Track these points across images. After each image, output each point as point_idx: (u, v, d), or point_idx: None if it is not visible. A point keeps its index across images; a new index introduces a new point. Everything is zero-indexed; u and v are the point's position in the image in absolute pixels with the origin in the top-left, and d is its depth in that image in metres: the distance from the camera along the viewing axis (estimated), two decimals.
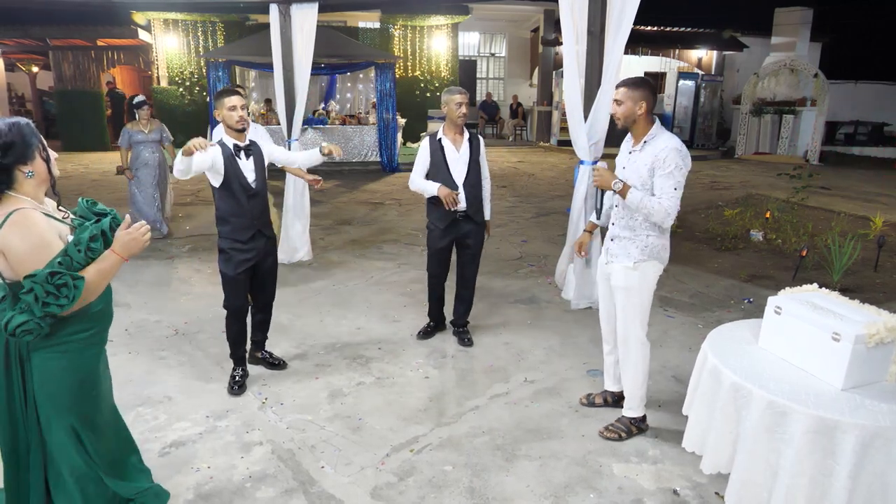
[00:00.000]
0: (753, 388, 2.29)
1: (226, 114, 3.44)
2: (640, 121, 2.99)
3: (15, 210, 1.94)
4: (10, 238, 1.91)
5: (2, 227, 1.91)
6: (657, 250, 3.08)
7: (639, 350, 3.18)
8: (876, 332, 2.22)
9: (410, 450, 3.13)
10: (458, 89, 4.06)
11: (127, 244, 2.05)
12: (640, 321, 3.15)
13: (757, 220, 8.09)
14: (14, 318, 1.91)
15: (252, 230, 3.56)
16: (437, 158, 4.10)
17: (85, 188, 10.30)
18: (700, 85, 17.49)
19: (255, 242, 3.59)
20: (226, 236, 3.55)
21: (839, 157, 15.83)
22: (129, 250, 2.06)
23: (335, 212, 8.95)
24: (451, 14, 16.25)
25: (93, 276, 1.99)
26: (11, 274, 1.96)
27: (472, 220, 4.19)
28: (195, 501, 2.73)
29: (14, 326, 1.90)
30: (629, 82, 3.02)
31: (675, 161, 2.88)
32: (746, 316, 4.65)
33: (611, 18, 4.67)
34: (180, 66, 15.58)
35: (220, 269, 3.62)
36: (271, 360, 4.02)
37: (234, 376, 3.75)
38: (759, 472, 2.26)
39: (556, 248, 6.57)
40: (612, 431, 3.24)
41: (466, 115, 4.04)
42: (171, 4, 11.66)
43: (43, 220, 1.99)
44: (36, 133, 2.06)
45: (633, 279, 3.10)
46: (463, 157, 4.11)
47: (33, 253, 1.92)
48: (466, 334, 4.46)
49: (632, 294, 3.13)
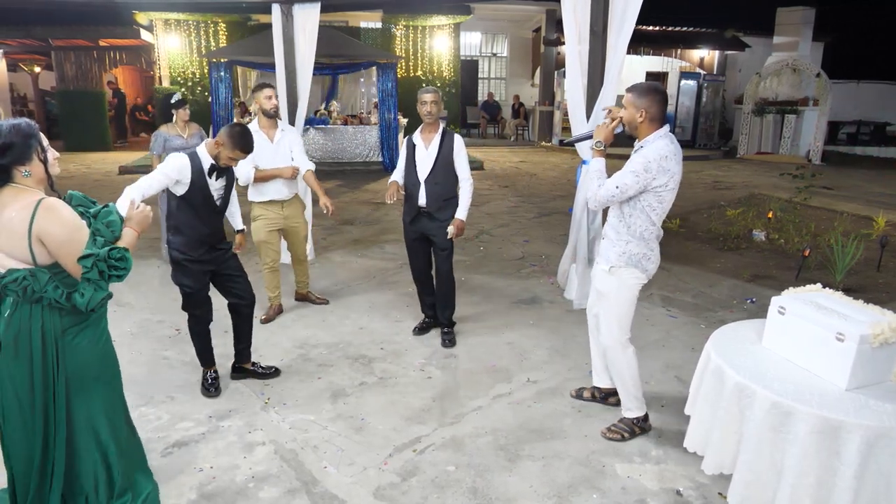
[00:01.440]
0: (757, 389, 2.28)
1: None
2: (640, 127, 2.99)
3: (40, 200, 2.08)
4: (48, 225, 2.07)
5: (34, 215, 2.05)
6: (637, 258, 3.05)
7: (619, 354, 3.16)
8: (880, 332, 2.22)
9: (413, 450, 3.13)
10: (427, 89, 4.19)
11: (141, 220, 2.34)
12: (617, 326, 3.13)
13: (759, 219, 8.08)
14: (93, 296, 2.10)
15: (205, 246, 3.45)
16: (408, 155, 4.30)
17: (87, 188, 10.31)
18: (702, 85, 17.46)
19: (210, 255, 3.48)
20: (176, 248, 3.41)
21: (841, 157, 15.80)
22: (141, 224, 2.34)
23: (337, 212, 8.94)
24: (453, 14, 16.23)
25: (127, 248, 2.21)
26: (47, 259, 2.11)
27: (435, 218, 4.24)
28: (198, 501, 2.73)
29: (96, 303, 2.11)
30: (636, 88, 3.02)
31: (639, 164, 2.89)
32: (749, 316, 4.64)
33: (613, 18, 4.66)
34: (182, 66, 15.59)
35: (175, 280, 3.46)
36: (261, 371, 3.84)
37: (207, 379, 3.67)
38: (764, 472, 2.26)
39: (558, 249, 6.57)
40: (615, 432, 3.24)
41: (432, 114, 4.15)
42: (174, 4, 11.65)
43: (65, 205, 2.16)
44: (37, 135, 2.15)
45: (610, 284, 3.10)
46: (430, 155, 4.20)
47: (73, 235, 2.10)
48: (448, 335, 4.41)
49: (608, 299, 3.13)
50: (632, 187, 2.92)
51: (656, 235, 3.07)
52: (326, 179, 11.59)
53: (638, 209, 2.99)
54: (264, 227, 4.59)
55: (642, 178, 2.89)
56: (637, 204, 2.98)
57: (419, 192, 4.23)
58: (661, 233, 3.09)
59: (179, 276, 3.46)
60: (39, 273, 2.10)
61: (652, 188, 2.92)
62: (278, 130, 4.60)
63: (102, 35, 14.86)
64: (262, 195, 4.55)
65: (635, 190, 2.92)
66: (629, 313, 3.14)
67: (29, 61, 17.27)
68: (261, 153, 4.40)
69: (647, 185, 2.91)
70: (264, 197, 4.55)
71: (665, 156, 2.88)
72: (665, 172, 2.89)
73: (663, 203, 2.98)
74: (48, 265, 2.12)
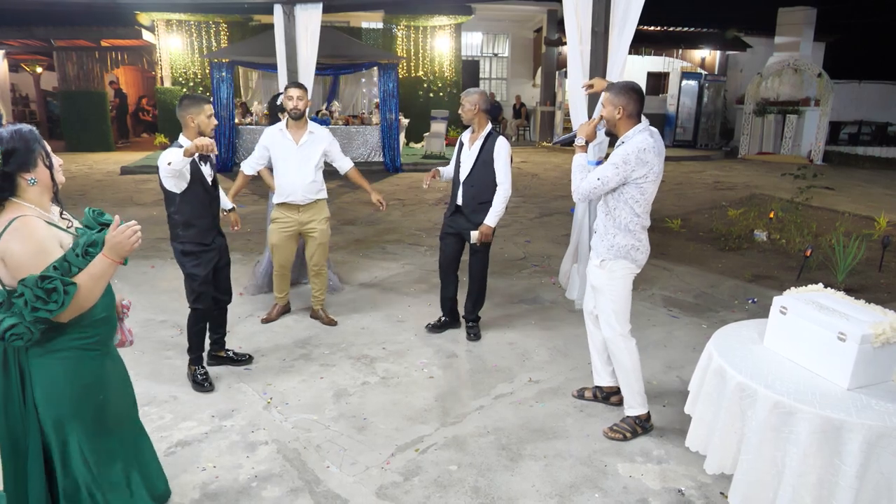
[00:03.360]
0: (759, 388, 2.28)
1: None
2: (619, 124, 3.14)
3: (17, 217, 1.93)
4: (9, 244, 1.90)
5: (2, 234, 1.90)
6: (625, 250, 3.15)
7: (621, 346, 3.21)
8: (882, 332, 2.22)
9: (416, 449, 3.14)
10: (468, 91, 4.26)
11: (114, 246, 1.97)
12: (615, 318, 3.20)
13: (761, 220, 8.09)
14: (4, 321, 1.88)
15: (214, 231, 3.70)
16: (457, 153, 4.41)
17: (89, 188, 10.32)
18: (703, 85, 17.47)
19: (216, 242, 3.72)
20: (190, 241, 3.59)
21: (843, 157, 15.79)
22: (118, 252, 1.97)
23: (339, 212, 8.95)
24: (455, 14, 16.25)
25: (85, 281, 1.94)
26: (10, 281, 1.94)
27: (469, 219, 4.29)
28: (201, 500, 2.74)
29: (3, 330, 1.88)
30: (613, 87, 3.17)
31: (619, 157, 3.04)
32: (750, 316, 4.65)
33: (615, 18, 4.67)
34: (184, 66, 15.62)
35: (190, 273, 3.64)
36: (236, 357, 4.04)
37: (198, 375, 3.73)
38: (765, 472, 2.26)
39: (559, 249, 6.58)
40: (617, 431, 3.25)
41: (464, 117, 4.23)
42: (176, 5, 11.65)
43: (43, 227, 1.97)
44: (39, 140, 2.03)
45: (602, 277, 3.20)
46: (471, 156, 4.27)
47: (31, 259, 1.90)
48: (473, 328, 4.54)
49: (603, 293, 3.22)
50: (612, 179, 3.05)
51: (642, 226, 3.17)
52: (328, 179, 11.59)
53: (622, 202, 3.11)
54: (277, 230, 4.57)
55: (622, 170, 3.03)
56: (620, 197, 3.11)
57: (458, 191, 4.33)
58: (647, 223, 3.20)
59: (193, 266, 3.63)
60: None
61: (632, 180, 3.05)
62: (306, 132, 4.43)
63: (104, 35, 14.88)
64: (278, 196, 4.51)
65: (616, 182, 3.06)
66: (626, 305, 3.22)
67: (31, 62, 17.30)
68: (282, 153, 4.41)
69: (628, 177, 3.05)
70: (279, 198, 4.50)
71: (644, 148, 3.01)
72: (644, 164, 3.02)
73: (645, 195, 3.10)
74: (12, 288, 1.93)
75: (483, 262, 4.44)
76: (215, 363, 3.99)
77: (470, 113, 4.19)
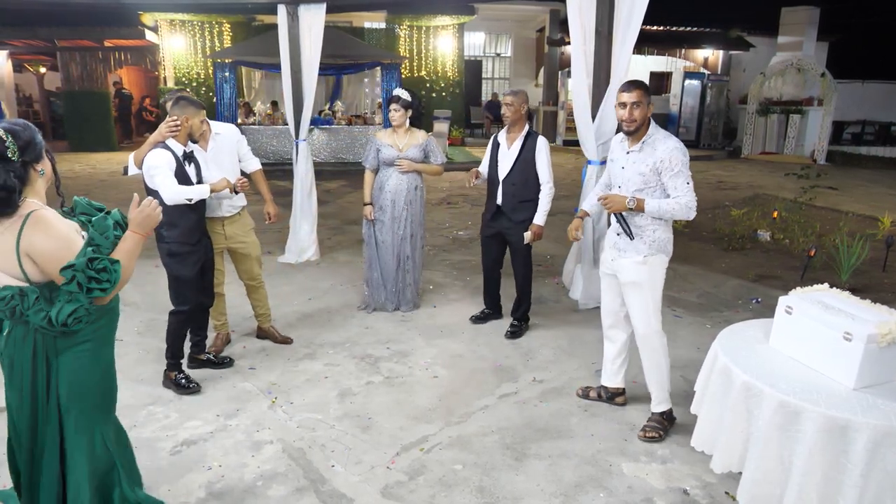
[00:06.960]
0: (765, 388, 2.29)
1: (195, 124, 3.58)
2: (645, 122, 3.08)
3: (29, 213, 1.96)
4: (33, 240, 1.94)
5: (22, 232, 1.93)
6: (664, 243, 3.17)
7: (660, 343, 3.24)
8: (888, 332, 2.22)
9: (420, 449, 3.14)
10: (508, 91, 4.36)
11: (142, 222, 2.11)
12: (654, 314, 3.21)
13: (764, 219, 8.07)
14: (62, 308, 1.94)
15: (199, 231, 3.67)
16: (492, 152, 4.46)
17: (92, 188, 10.34)
18: (706, 84, 17.44)
19: (201, 242, 3.69)
20: (174, 240, 3.56)
21: (846, 157, 15.75)
22: (145, 227, 2.12)
23: (342, 212, 8.96)
24: (457, 14, 16.25)
25: (124, 258, 2.05)
26: (39, 276, 1.98)
27: (510, 218, 4.36)
28: (207, 500, 2.75)
29: (65, 316, 1.94)
30: (643, 84, 3.07)
31: (679, 159, 3.02)
32: (754, 316, 4.64)
33: (619, 18, 4.67)
34: (187, 66, 15.63)
35: (176, 274, 3.62)
36: (216, 360, 3.99)
37: (180, 380, 3.68)
38: (772, 471, 2.27)
39: (563, 249, 6.57)
40: (652, 431, 3.24)
41: (506, 116, 4.28)
42: (179, 5, 11.68)
43: (58, 217, 2.03)
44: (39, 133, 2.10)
45: (644, 273, 3.16)
46: (511, 155, 4.33)
47: (60, 249, 1.95)
48: (513, 326, 4.60)
49: (644, 288, 3.18)
50: (690, 172, 3.08)
51: None
52: (331, 179, 11.61)
53: (664, 196, 3.09)
54: None
55: (687, 160, 3.06)
56: (664, 192, 3.08)
57: (497, 190, 4.37)
58: None
59: (178, 266, 3.61)
60: (30, 292, 1.97)
61: None
62: (212, 135, 3.97)
63: (107, 36, 14.91)
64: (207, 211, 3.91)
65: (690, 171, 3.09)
66: (661, 299, 3.25)
67: (34, 62, 17.32)
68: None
69: None
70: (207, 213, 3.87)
71: (678, 142, 3.06)
72: (686, 151, 3.09)
73: None
74: (43, 283, 1.99)
75: (527, 262, 4.53)
76: (196, 366, 3.93)
77: (517, 113, 4.25)
